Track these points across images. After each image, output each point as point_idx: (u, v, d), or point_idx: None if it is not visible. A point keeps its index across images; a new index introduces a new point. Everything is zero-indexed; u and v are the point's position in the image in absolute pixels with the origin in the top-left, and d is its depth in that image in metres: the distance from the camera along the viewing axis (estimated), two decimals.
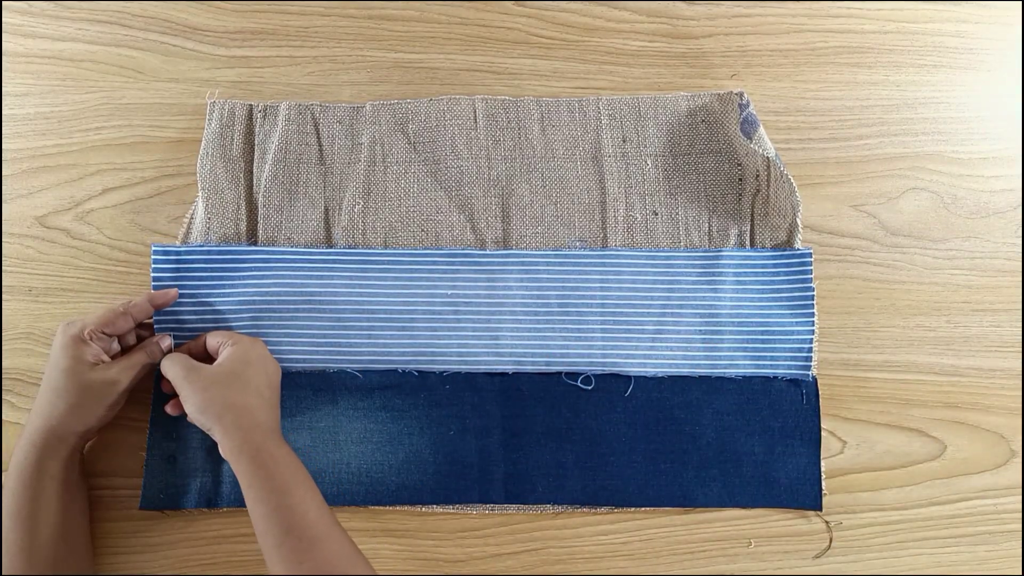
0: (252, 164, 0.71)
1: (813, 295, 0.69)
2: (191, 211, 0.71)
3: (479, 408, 0.68)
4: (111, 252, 0.71)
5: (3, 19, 0.73)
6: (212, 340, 0.65)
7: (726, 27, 0.75)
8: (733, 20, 0.75)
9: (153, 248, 0.69)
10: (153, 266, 0.68)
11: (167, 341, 0.66)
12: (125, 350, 0.65)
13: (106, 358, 0.62)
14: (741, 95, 0.72)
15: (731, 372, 0.69)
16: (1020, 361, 0.71)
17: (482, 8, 0.75)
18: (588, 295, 0.69)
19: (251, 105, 0.72)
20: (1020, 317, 0.71)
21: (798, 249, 0.70)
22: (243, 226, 0.70)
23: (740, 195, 0.72)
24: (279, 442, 0.60)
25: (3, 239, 0.71)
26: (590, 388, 0.68)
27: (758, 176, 0.71)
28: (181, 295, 0.67)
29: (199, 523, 0.67)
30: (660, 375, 0.69)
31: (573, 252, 0.70)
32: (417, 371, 0.68)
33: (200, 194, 0.70)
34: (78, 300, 0.70)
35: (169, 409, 0.64)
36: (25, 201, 0.71)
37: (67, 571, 0.59)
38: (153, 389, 0.67)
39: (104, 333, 0.62)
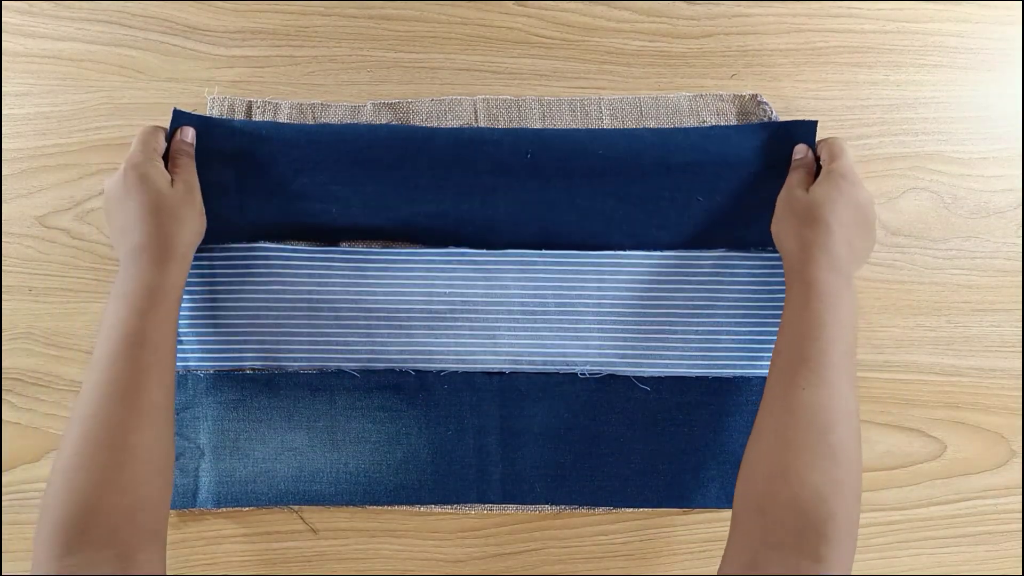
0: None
1: None
2: None
3: (477, 408, 0.68)
4: (111, 252, 0.71)
5: (3, 19, 0.73)
6: None
7: (726, 27, 0.75)
8: (733, 20, 0.75)
9: None
10: None
11: (188, 133, 0.67)
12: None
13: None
14: (756, 97, 0.72)
15: (728, 373, 0.69)
16: (1020, 361, 0.71)
17: (482, 8, 0.75)
18: (585, 295, 0.69)
19: (251, 101, 0.72)
20: (1020, 317, 0.71)
21: None
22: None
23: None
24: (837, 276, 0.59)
25: (3, 239, 0.71)
26: (588, 389, 0.68)
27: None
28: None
29: (199, 523, 0.67)
30: (657, 375, 0.68)
31: (571, 252, 0.70)
32: (415, 371, 0.68)
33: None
34: (78, 300, 0.70)
35: None
36: (25, 201, 0.71)
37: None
38: None
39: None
